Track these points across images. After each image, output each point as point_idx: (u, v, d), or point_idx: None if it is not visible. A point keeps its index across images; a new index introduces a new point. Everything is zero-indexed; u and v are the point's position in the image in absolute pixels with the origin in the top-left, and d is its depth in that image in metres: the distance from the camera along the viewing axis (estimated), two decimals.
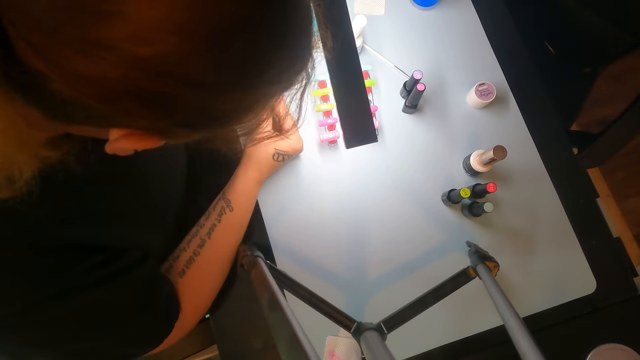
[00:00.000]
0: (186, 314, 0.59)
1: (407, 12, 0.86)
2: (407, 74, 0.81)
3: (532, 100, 0.84)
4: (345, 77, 0.50)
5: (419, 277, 0.74)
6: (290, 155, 0.72)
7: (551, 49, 1.24)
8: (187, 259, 0.62)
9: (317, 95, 0.78)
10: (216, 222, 0.65)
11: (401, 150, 0.80)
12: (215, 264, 0.65)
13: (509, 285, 0.75)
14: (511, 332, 0.48)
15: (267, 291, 0.51)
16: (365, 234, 0.76)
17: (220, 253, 0.65)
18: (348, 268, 0.74)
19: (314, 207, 0.77)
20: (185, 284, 0.61)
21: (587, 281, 0.76)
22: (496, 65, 0.84)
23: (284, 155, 0.70)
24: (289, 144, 0.71)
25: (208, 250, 0.63)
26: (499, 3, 0.89)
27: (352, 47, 0.50)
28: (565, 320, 0.75)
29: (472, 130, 0.81)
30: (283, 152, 0.70)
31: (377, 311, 0.73)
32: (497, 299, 0.53)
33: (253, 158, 0.69)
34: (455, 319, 0.73)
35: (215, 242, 0.64)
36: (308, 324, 0.50)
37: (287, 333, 0.41)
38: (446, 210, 0.78)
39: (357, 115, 0.50)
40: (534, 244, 0.77)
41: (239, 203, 0.67)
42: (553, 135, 0.82)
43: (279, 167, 0.74)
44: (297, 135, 0.72)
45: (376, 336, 0.51)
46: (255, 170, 0.69)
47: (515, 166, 0.79)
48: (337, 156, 0.79)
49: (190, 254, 0.62)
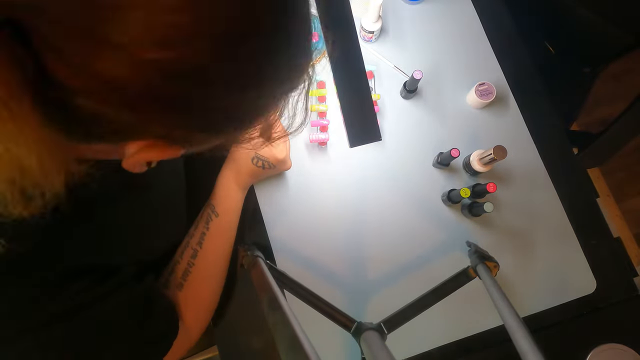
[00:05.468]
0: (189, 325, 0.59)
1: (400, 9, 0.86)
2: (407, 74, 0.81)
3: (532, 101, 0.84)
4: (349, 75, 0.50)
5: (419, 277, 0.74)
6: (271, 163, 0.69)
7: (551, 49, 1.24)
8: (182, 271, 0.62)
9: (315, 95, 0.78)
10: (205, 230, 0.64)
11: (401, 150, 0.80)
12: (211, 271, 0.65)
13: (509, 285, 0.75)
14: (511, 332, 0.48)
15: (267, 291, 0.51)
16: (365, 234, 0.76)
17: (214, 260, 0.65)
18: (348, 268, 0.74)
19: (314, 207, 0.77)
20: (184, 296, 0.60)
21: (587, 281, 0.76)
22: (496, 65, 0.84)
23: (263, 161, 0.68)
24: (271, 151, 0.68)
25: (202, 260, 0.62)
26: (499, 3, 0.89)
27: (356, 46, 0.49)
28: (565, 320, 0.74)
29: (472, 130, 0.81)
30: (263, 157, 0.68)
31: (377, 311, 0.73)
32: (497, 299, 0.53)
33: (233, 159, 0.69)
34: (455, 319, 0.73)
35: (208, 250, 0.63)
36: (308, 324, 0.50)
37: (287, 333, 0.41)
38: (446, 210, 0.78)
39: (362, 113, 0.50)
40: (534, 244, 0.77)
41: (224, 207, 0.66)
42: (553, 135, 0.82)
43: (262, 175, 0.71)
44: (282, 146, 0.69)
45: (376, 336, 0.51)
46: (234, 172, 0.68)
47: (515, 166, 0.79)
48: (338, 156, 0.79)
49: (185, 266, 0.62)
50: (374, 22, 0.78)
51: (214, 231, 0.65)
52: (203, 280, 0.63)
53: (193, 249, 0.63)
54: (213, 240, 0.64)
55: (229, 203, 0.68)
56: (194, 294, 0.61)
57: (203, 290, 0.63)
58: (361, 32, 0.81)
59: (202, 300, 0.63)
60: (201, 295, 0.63)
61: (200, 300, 0.63)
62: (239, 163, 0.69)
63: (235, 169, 0.69)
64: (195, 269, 0.62)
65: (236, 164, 0.69)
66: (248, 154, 0.68)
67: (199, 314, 0.62)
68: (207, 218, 0.65)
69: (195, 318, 0.61)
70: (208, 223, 0.65)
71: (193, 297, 0.61)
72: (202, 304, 0.63)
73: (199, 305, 0.62)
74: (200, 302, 0.63)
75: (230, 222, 0.68)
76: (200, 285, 0.62)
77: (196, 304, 0.62)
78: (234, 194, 0.69)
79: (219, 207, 0.66)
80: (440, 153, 0.77)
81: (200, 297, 0.63)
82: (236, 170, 0.69)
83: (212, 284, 0.65)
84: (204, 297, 0.64)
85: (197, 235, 0.64)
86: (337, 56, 0.48)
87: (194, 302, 0.61)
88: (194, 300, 0.61)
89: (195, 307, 0.61)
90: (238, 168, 0.69)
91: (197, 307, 0.62)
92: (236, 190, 0.69)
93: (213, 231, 0.65)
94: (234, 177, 0.68)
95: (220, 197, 0.67)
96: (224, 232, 0.67)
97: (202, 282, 0.63)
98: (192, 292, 0.61)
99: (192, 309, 0.60)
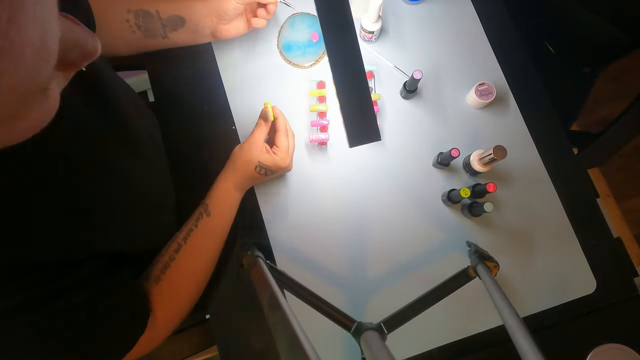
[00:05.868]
0: (159, 322, 0.57)
1: (400, 9, 0.86)
2: (407, 74, 0.81)
3: (532, 101, 0.84)
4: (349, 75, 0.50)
5: (419, 277, 0.74)
6: (274, 171, 0.70)
7: (551, 49, 1.24)
8: (163, 264, 0.61)
9: (314, 95, 0.78)
10: (193, 227, 0.64)
11: (401, 150, 0.80)
12: (191, 268, 0.64)
13: (509, 285, 0.75)
14: (511, 332, 0.48)
15: (267, 291, 0.51)
16: (365, 234, 0.76)
17: (197, 258, 0.64)
18: (348, 268, 0.74)
19: (314, 207, 0.77)
20: (159, 291, 0.59)
21: (587, 281, 0.76)
22: (496, 65, 0.84)
23: (266, 169, 0.68)
24: (274, 160, 0.68)
25: (184, 256, 0.62)
26: (499, 3, 0.89)
27: (356, 46, 0.49)
28: (565, 320, 0.75)
29: (472, 130, 0.81)
30: (266, 166, 0.68)
31: (377, 311, 0.73)
32: (497, 299, 0.53)
33: (235, 164, 0.69)
34: (455, 319, 0.73)
35: (192, 246, 0.63)
36: (308, 324, 0.50)
37: (287, 333, 0.41)
38: (446, 210, 0.78)
39: (361, 113, 0.50)
40: (534, 244, 0.77)
41: (217, 208, 0.66)
42: (553, 135, 0.82)
43: (263, 180, 0.72)
44: (285, 155, 0.69)
45: (376, 336, 0.51)
46: (235, 177, 0.68)
47: (515, 166, 0.79)
48: (338, 156, 0.79)
49: (167, 259, 0.61)
50: (374, 23, 0.78)
51: (202, 229, 0.64)
52: (181, 276, 0.62)
53: (178, 244, 0.63)
54: (199, 239, 0.64)
55: (223, 205, 0.68)
56: (169, 289, 0.60)
57: (180, 286, 0.62)
58: (361, 32, 0.81)
59: (177, 297, 0.62)
60: (177, 292, 0.62)
61: (175, 296, 0.61)
62: (241, 171, 0.69)
63: (237, 176, 0.69)
64: (175, 264, 0.61)
65: (237, 169, 0.69)
66: (251, 162, 0.68)
67: (172, 311, 0.61)
68: (198, 216, 0.65)
69: (166, 316, 0.59)
70: (198, 221, 0.65)
71: (168, 293, 0.60)
72: (176, 300, 0.62)
73: (173, 301, 0.61)
74: (174, 298, 0.61)
75: (222, 223, 0.68)
76: (177, 280, 0.61)
77: (170, 300, 0.60)
78: (231, 196, 0.69)
79: (213, 208, 0.66)
80: (440, 153, 0.77)
81: (176, 294, 0.61)
82: (237, 175, 0.69)
83: (190, 281, 0.64)
84: (179, 294, 0.62)
85: (184, 231, 0.64)
86: (337, 56, 0.48)
87: (168, 298, 0.60)
88: (169, 296, 0.60)
89: (167, 305, 0.60)
90: (240, 174, 0.69)
91: (171, 303, 0.60)
92: (233, 194, 0.69)
93: (201, 229, 0.64)
94: (233, 180, 0.69)
95: (216, 198, 0.67)
96: (212, 232, 0.66)
97: (179, 277, 0.61)
98: (168, 287, 0.60)
99: (164, 305, 0.59)
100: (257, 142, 0.68)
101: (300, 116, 0.80)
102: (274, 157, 0.68)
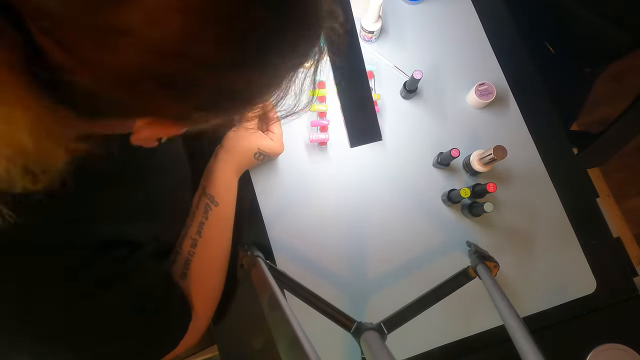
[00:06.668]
0: (198, 313, 0.59)
1: (400, 9, 0.86)
2: (407, 74, 0.81)
3: (532, 100, 0.84)
4: (349, 75, 0.50)
5: (419, 277, 0.74)
6: (270, 157, 0.73)
7: (551, 49, 1.24)
8: (184, 261, 0.62)
9: (315, 95, 0.78)
10: (203, 219, 0.64)
11: (401, 150, 0.80)
12: (213, 260, 0.65)
13: (509, 285, 0.75)
14: (511, 332, 0.48)
15: (267, 291, 0.51)
16: (365, 234, 0.76)
17: (215, 248, 0.65)
18: (348, 268, 0.74)
19: (314, 207, 0.77)
20: (188, 285, 0.61)
21: (587, 281, 0.76)
22: (496, 65, 0.84)
23: (264, 155, 0.71)
24: (272, 146, 0.71)
25: (202, 249, 0.63)
26: (499, 3, 0.89)
27: (356, 46, 0.49)
28: (565, 320, 0.74)
29: (472, 130, 0.81)
30: (265, 152, 0.70)
31: (377, 311, 0.73)
32: (497, 299, 0.53)
33: (234, 152, 0.69)
34: (455, 319, 0.73)
35: (207, 239, 0.64)
36: (308, 324, 0.50)
37: (287, 333, 0.42)
38: (446, 210, 0.78)
39: (362, 113, 0.50)
40: (534, 244, 0.77)
41: (223, 197, 0.67)
42: (553, 135, 0.82)
43: (256, 164, 0.74)
44: (279, 139, 0.72)
45: (376, 336, 0.51)
46: (232, 162, 0.69)
47: (515, 166, 0.79)
48: (338, 156, 0.79)
49: (186, 256, 0.62)
50: (374, 22, 0.78)
51: (214, 220, 0.65)
52: (206, 269, 0.63)
53: (192, 239, 0.63)
54: (213, 230, 0.64)
55: (228, 193, 0.68)
56: (198, 283, 0.61)
57: (206, 278, 0.64)
58: (361, 32, 0.81)
59: (207, 289, 0.63)
60: (205, 284, 0.63)
61: (205, 289, 0.63)
62: (241, 159, 0.69)
63: (237, 163, 0.69)
64: (196, 258, 0.62)
65: (239, 160, 0.69)
66: (251, 149, 0.69)
67: (205, 303, 0.62)
68: (206, 207, 0.65)
69: (202, 306, 0.61)
70: (207, 212, 0.65)
71: (198, 286, 0.61)
72: (206, 292, 0.63)
73: (204, 294, 0.62)
74: (205, 290, 0.63)
75: (230, 210, 0.68)
76: (203, 273, 0.63)
77: (201, 293, 0.62)
78: (232, 183, 0.69)
79: (219, 197, 0.66)
80: (440, 153, 0.77)
81: (205, 286, 0.63)
82: (234, 161, 0.69)
83: (214, 273, 0.65)
84: (208, 286, 0.64)
85: (195, 225, 0.64)
86: (337, 56, 0.48)
87: (198, 291, 0.61)
88: (199, 289, 0.61)
89: (200, 296, 0.61)
90: (241, 162, 0.69)
91: (203, 295, 0.62)
92: (234, 180, 0.70)
93: (212, 220, 0.65)
94: (232, 166, 0.69)
95: (220, 187, 0.67)
96: (223, 221, 0.67)
97: (204, 270, 0.63)
98: (196, 281, 0.61)
99: (197, 297, 0.60)
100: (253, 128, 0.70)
101: (300, 116, 0.80)
102: (272, 143, 0.70)
